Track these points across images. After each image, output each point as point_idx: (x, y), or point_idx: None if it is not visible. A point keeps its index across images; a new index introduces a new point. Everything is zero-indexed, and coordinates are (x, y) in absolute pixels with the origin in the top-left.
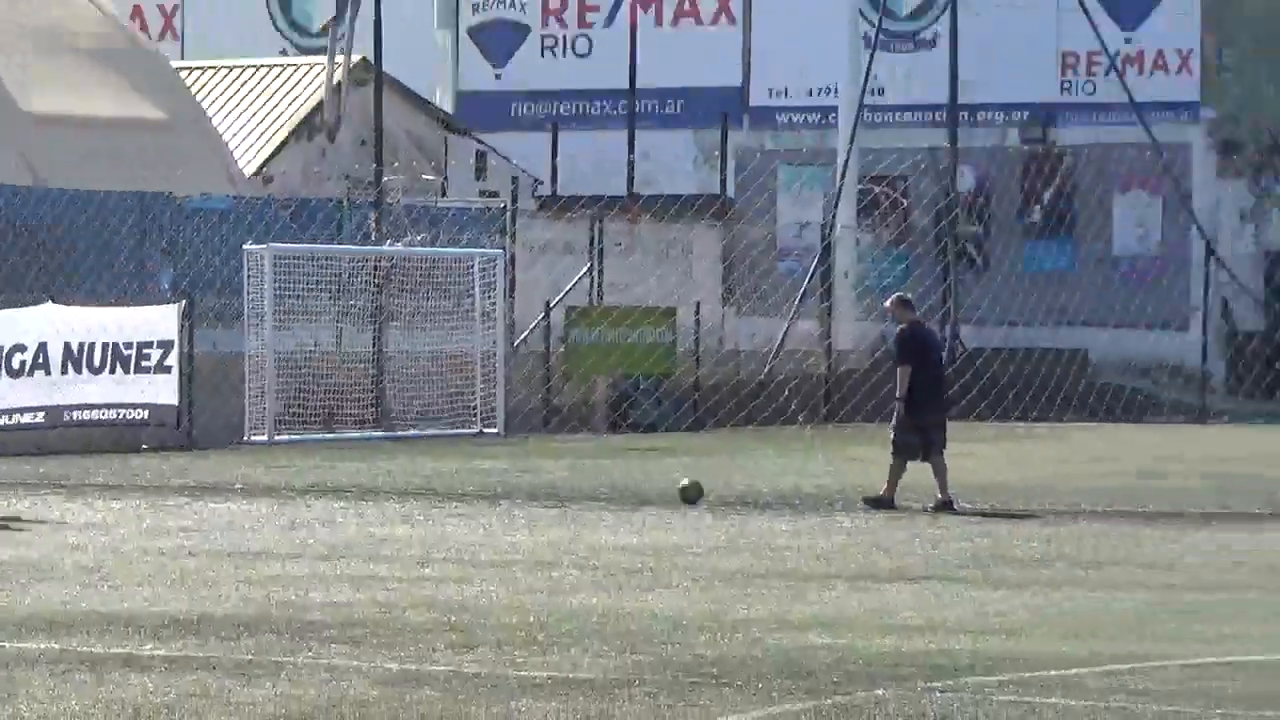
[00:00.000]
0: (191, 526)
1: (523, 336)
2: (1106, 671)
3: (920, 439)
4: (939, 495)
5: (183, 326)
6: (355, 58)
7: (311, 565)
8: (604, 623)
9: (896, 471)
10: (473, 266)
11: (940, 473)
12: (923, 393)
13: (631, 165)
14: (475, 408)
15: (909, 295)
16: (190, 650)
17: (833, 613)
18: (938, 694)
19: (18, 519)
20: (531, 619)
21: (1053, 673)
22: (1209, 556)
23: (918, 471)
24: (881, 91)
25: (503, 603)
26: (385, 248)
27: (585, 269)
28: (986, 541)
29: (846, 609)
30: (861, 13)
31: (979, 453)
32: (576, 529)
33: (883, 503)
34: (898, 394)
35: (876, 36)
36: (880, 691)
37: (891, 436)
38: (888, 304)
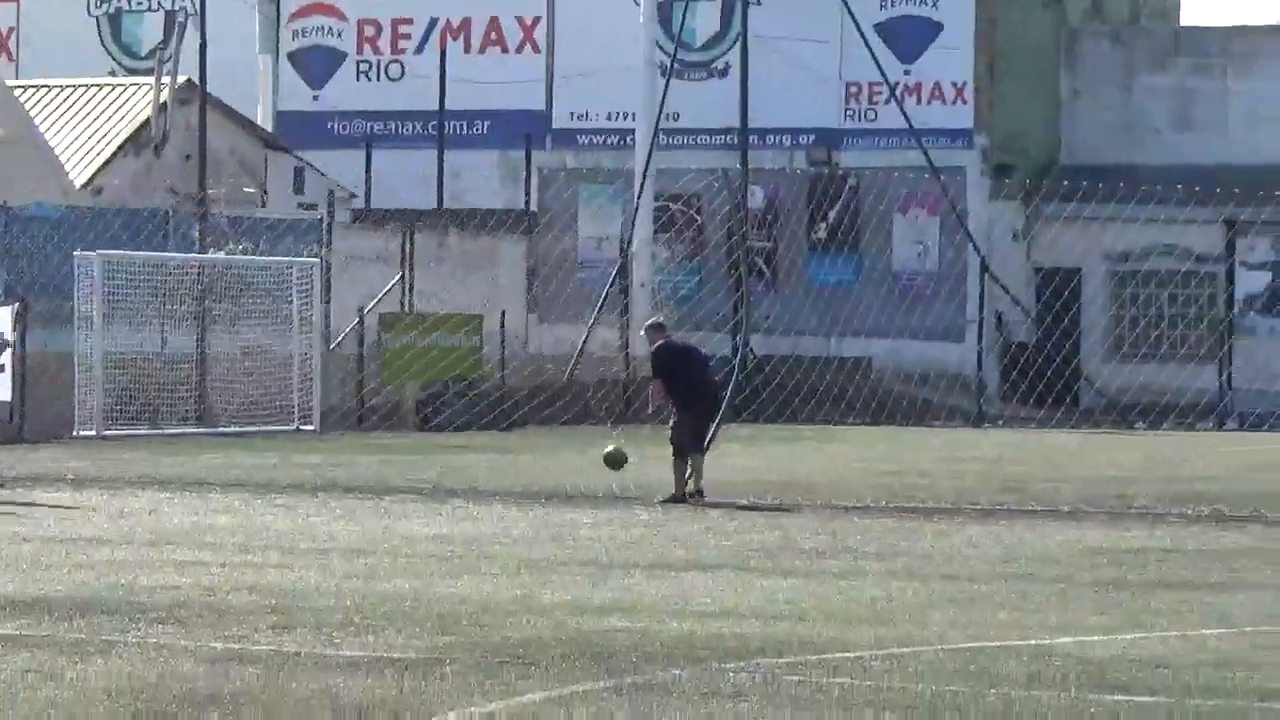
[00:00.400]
0: (24, 514)
1: (338, 340)
2: (889, 655)
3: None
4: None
5: (16, 327)
6: (181, 79)
7: (139, 551)
8: (416, 606)
9: (680, 468)
10: (291, 274)
11: (698, 467)
12: (687, 395)
13: (441, 181)
14: (292, 406)
15: (660, 320)
16: (25, 630)
17: (631, 599)
18: (731, 674)
19: None
20: (348, 602)
21: (839, 655)
22: (986, 549)
23: (716, 470)
24: (677, 116)
25: (320, 587)
26: (209, 256)
27: (397, 278)
28: (776, 534)
29: (644, 595)
30: (658, 43)
31: (767, 452)
32: (389, 520)
33: (677, 499)
34: (651, 406)
35: (672, 65)
36: (676, 671)
37: (670, 437)
38: (642, 331)
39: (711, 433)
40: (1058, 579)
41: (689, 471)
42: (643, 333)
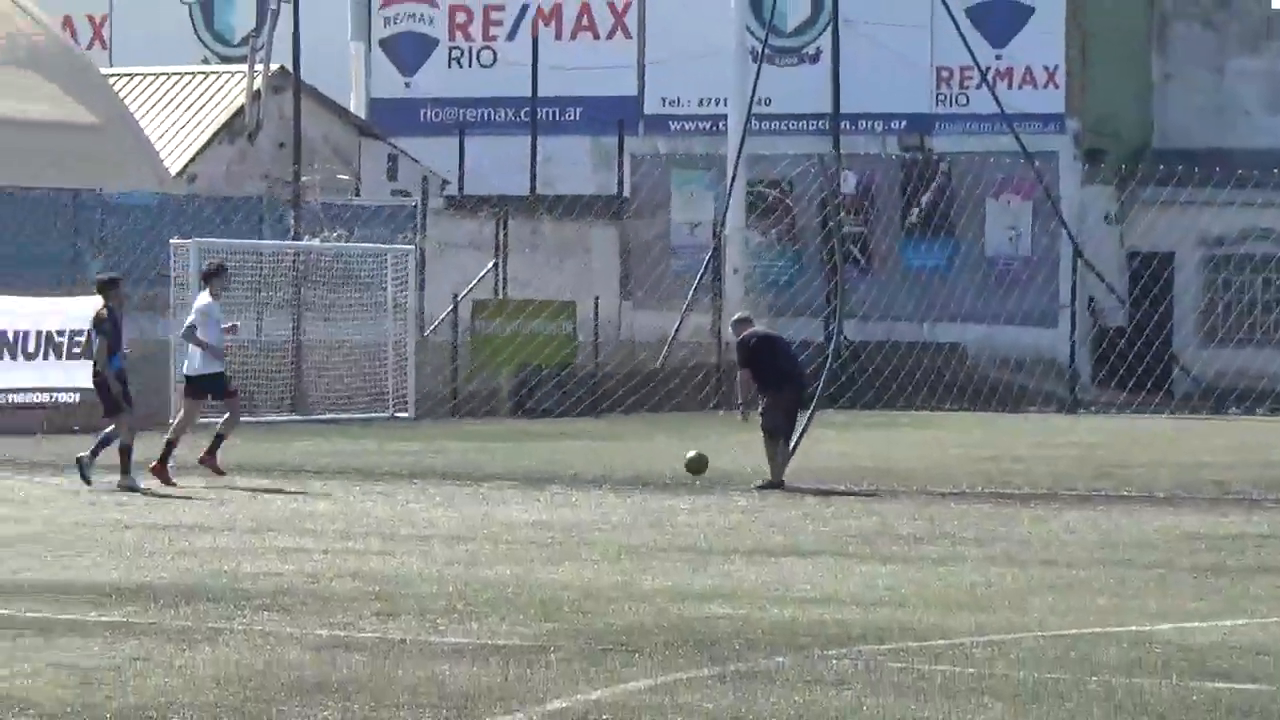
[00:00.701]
0: (126, 501)
1: (432, 327)
2: (990, 642)
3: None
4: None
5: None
6: (274, 67)
7: (241, 538)
8: (518, 593)
9: (773, 451)
10: (385, 261)
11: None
12: (776, 382)
13: (534, 167)
14: (387, 393)
15: (745, 314)
16: (132, 617)
17: (732, 585)
18: (833, 661)
19: None
20: (451, 589)
21: (940, 642)
22: (1083, 535)
23: (811, 456)
24: (768, 101)
25: (423, 574)
26: (303, 243)
27: (491, 264)
28: (874, 520)
29: (744, 581)
30: (749, 29)
31: (863, 438)
32: (488, 506)
33: (773, 485)
34: (740, 398)
35: (763, 51)
36: (779, 659)
37: (761, 423)
38: (730, 326)
39: (805, 422)
40: (1156, 564)
41: (782, 456)
42: (730, 327)
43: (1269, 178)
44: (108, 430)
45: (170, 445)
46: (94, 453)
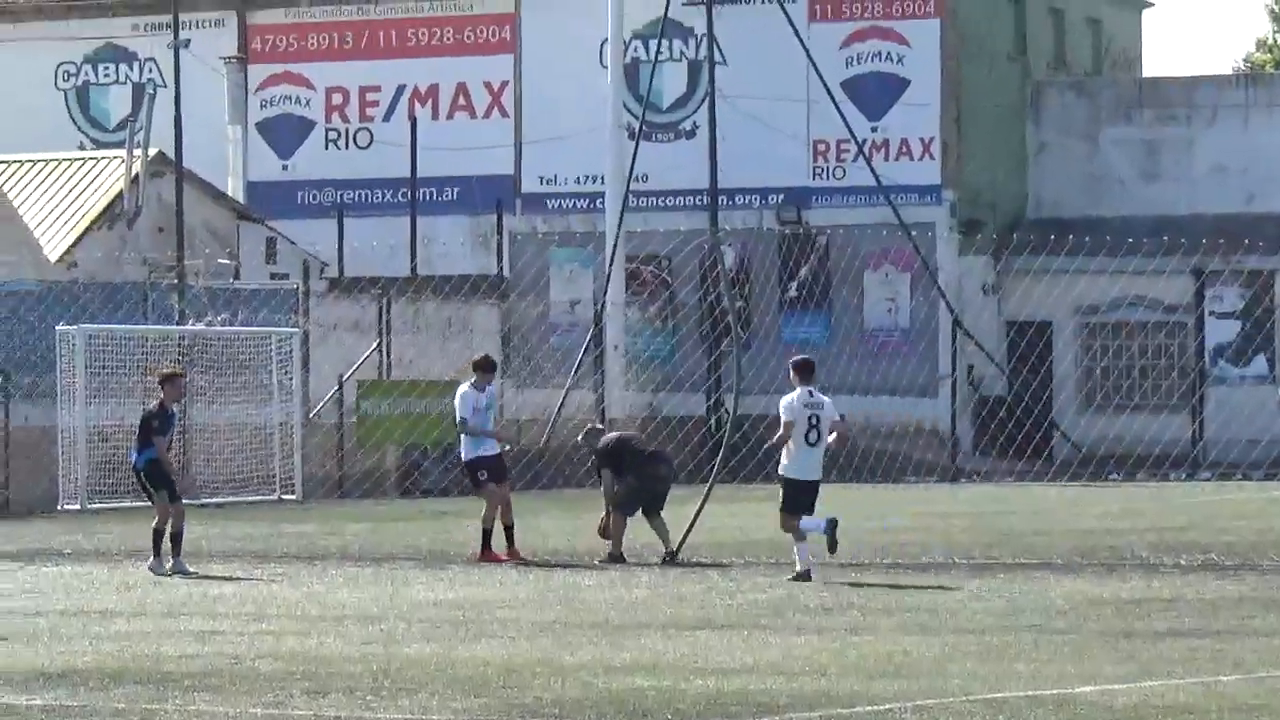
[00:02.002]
0: (30, 588)
1: (317, 408)
2: (917, 707)
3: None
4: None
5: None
6: (151, 151)
7: (156, 622)
8: (442, 669)
9: (618, 526)
10: (269, 344)
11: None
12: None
13: (414, 248)
14: (274, 476)
15: (593, 425)
16: (63, 701)
17: (652, 658)
18: None
19: None
20: (375, 667)
21: (868, 709)
22: (990, 602)
23: (705, 531)
24: (646, 178)
25: (344, 653)
26: (188, 327)
27: (374, 345)
28: (779, 592)
29: (664, 654)
30: (625, 105)
31: (754, 510)
32: (393, 586)
33: (615, 558)
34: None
35: (640, 127)
36: None
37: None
38: (580, 438)
39: (704, 496)
40: (1066, 630)
41: (625, 530)
42: (580, 438)
43: (1140, 244)
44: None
45: (486, 534)
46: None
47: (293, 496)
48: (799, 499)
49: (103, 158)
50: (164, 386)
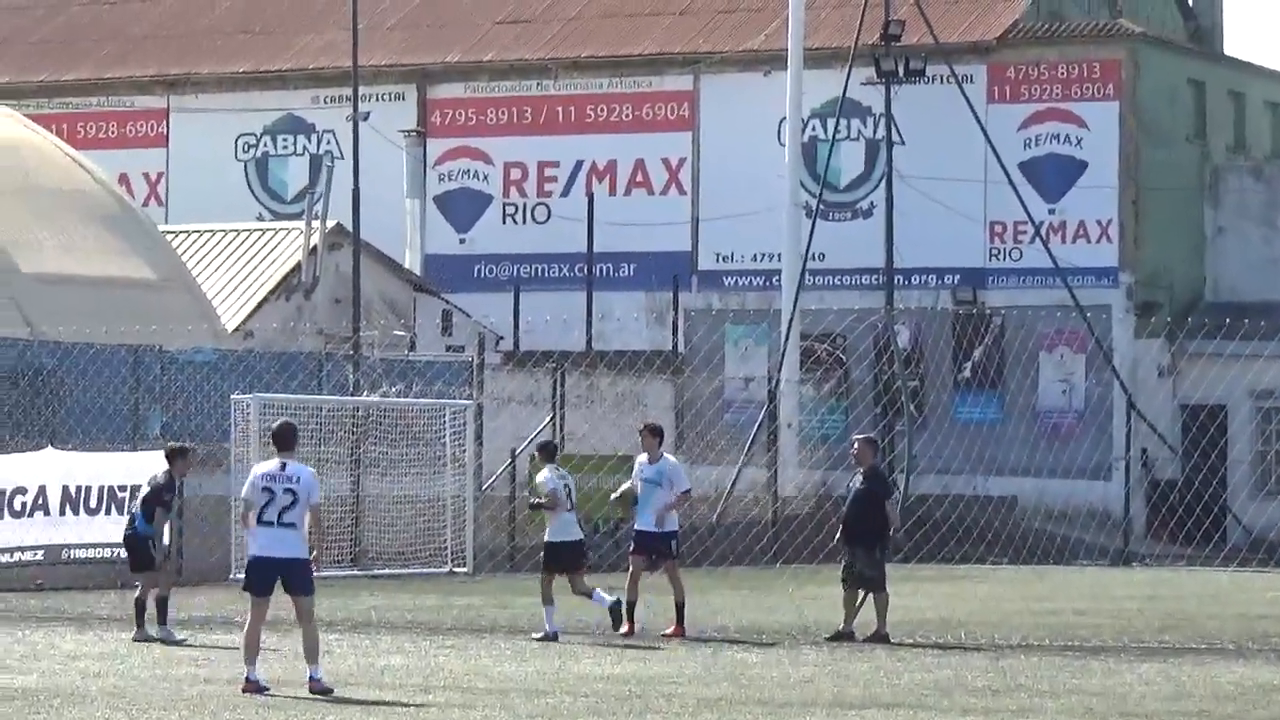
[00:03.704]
0: (200, 656)
1: (490, 482)
2: None
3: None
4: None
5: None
6: (330, 223)
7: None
8: None
9: (853, 600)
10: (443, 416)
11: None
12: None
13: (590, 323)
14: (446, 548)
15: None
16: None
17: None
18: None
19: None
20: None
21: None
22: (1159, 687)
23: (872, 610)
24: (822, 256)
25: None
26: (362, 398)
27: (548, 419)
28: (946, 673)
29: None
30: (803, 184)
31: (924, 590)
32: (560, 660)
33: (843, 635)
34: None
35: (817, 207)
36: None
37: (863, 571)
38: (854, 444)
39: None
40: (1233, 715)
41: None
42: (858, 446)
43: None
44: (155, 591)
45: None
46: (161, 619)
47: (464, 569)
48: (557, 559)
49: (281, 229)
50: (173, 461)
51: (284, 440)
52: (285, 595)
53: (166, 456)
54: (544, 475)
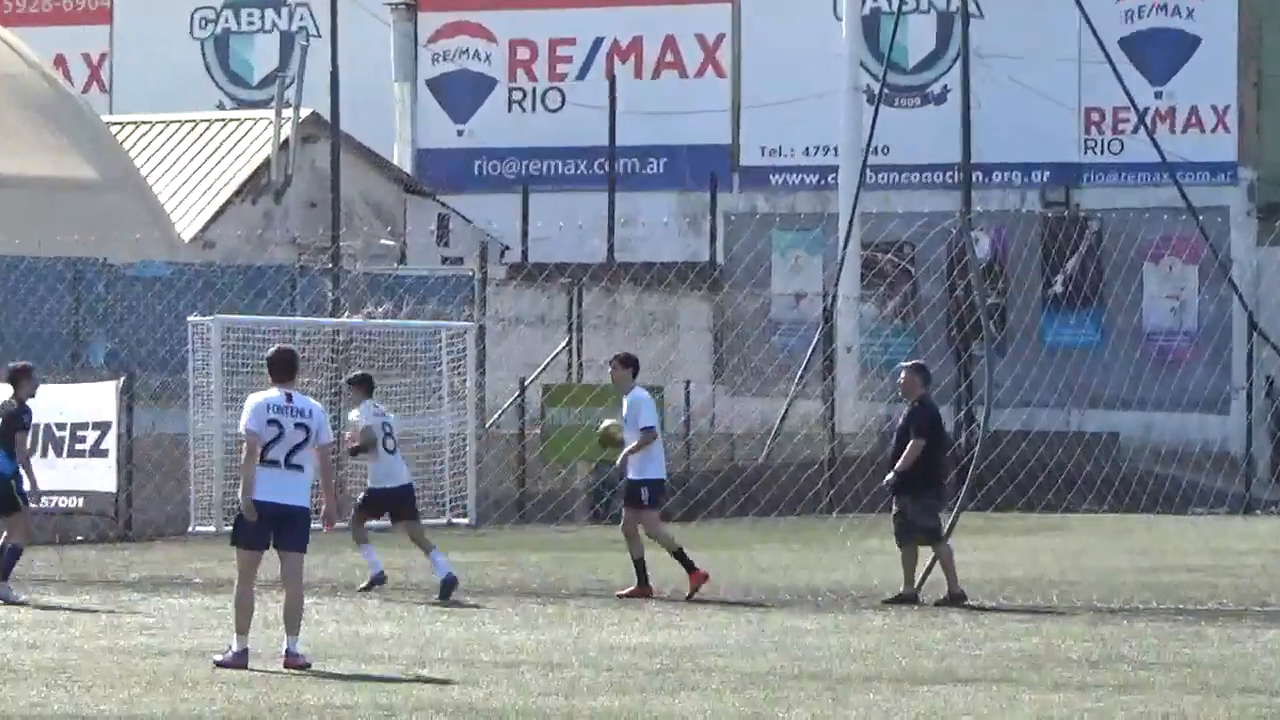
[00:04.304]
0: (153, 624)
1: (495, 417)
2: None
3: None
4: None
5: (121, 405)
6: (304, 112)
7: None
8: None
9: (912, 558)
10: (439, 340)
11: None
12: (942, 473)
13: (611, 230)
14: (444, 496)
15: (921, 361)
16: None
17: (880, 716)
18: None
19: None
20: None
21: None
22: None
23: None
24: (886, 150)
25: (518, 705)
26: (343, 320)
27: (563, 344)
28: (1035, 641)
29: (896, 712)
30: (863, 64)
31: (1008, 545)
32: (579, 627)
33: (906, 599)
34: (900, 467)
35: (880, 90)
36: None
37: (918, 522)
38: (901, 373)
39: (949, 526)
40: None
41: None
42: (903, 375)
43: None
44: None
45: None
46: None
47: (464, 520)
48: (378, 508)
49: (246, 119)
50: (19, 381)
51: (285, 368)
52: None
53: (10, 380)
54: (357, 413)
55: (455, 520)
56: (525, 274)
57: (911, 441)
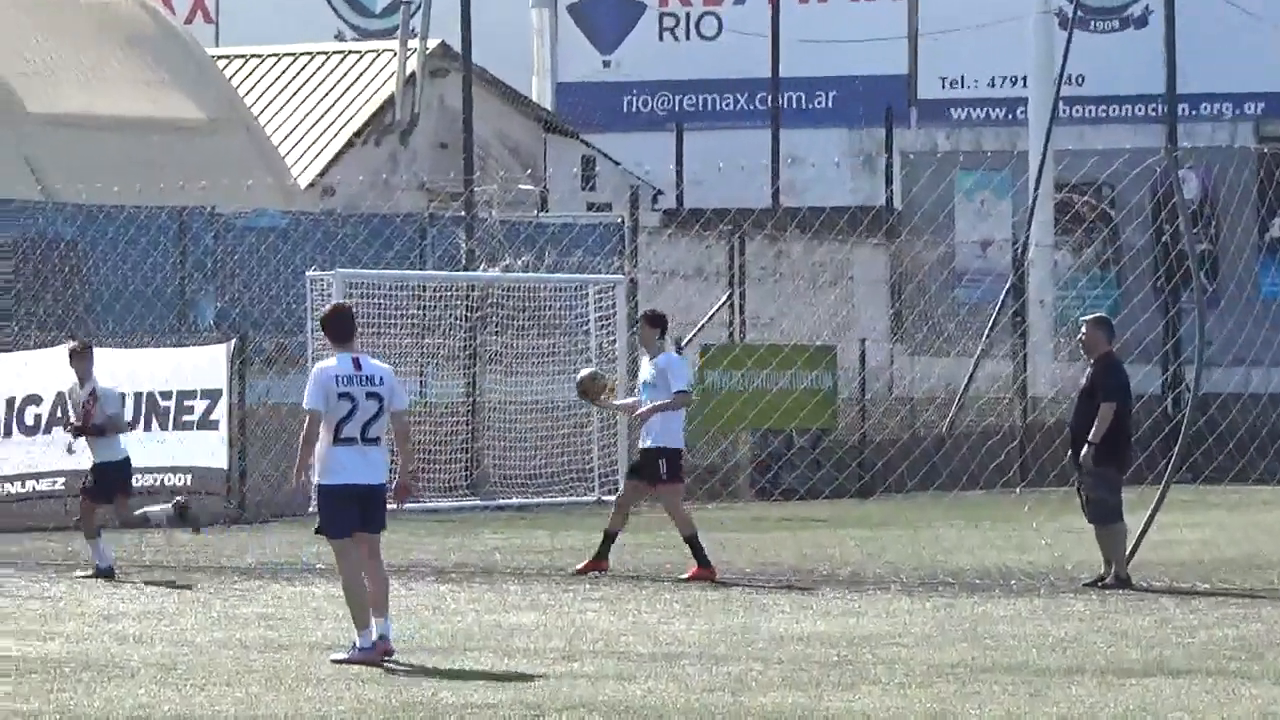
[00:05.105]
0: (273, 614)
1: None
2: None
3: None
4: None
5: (232, 372)
6: (432, 43)
7: (432, 659)
8: None
9: (1111, 537)
10: (586, 296)
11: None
12: (1126, 442)
13: (776, 172)
14: (591, 470)
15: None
16: None
17: (1083, 712)
18: None
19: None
20: None
21: None
22: None
23: (1154, 545)
24: (1081, 80)
25: (680, 702)
26: (479, 274)
27: (723, 298)
28: (1257, 628)
29: (1101, 707)
30: None
31: (1221, 521)
32: (745, 615)
33: (1116, 582)
34: (1094, 438)
35: (1074, 13)
36: None
37: (1098, 498)
38: (1082, 328)
39: (1157, 500)
40: None
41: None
42: (1084, 330)
43: None
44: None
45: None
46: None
47: (615, 497)
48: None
49: (367, 51)
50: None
51: (343, 328)
52: None
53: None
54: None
55: (605, 498)
56: (680, 221)
57: (1101, 405)
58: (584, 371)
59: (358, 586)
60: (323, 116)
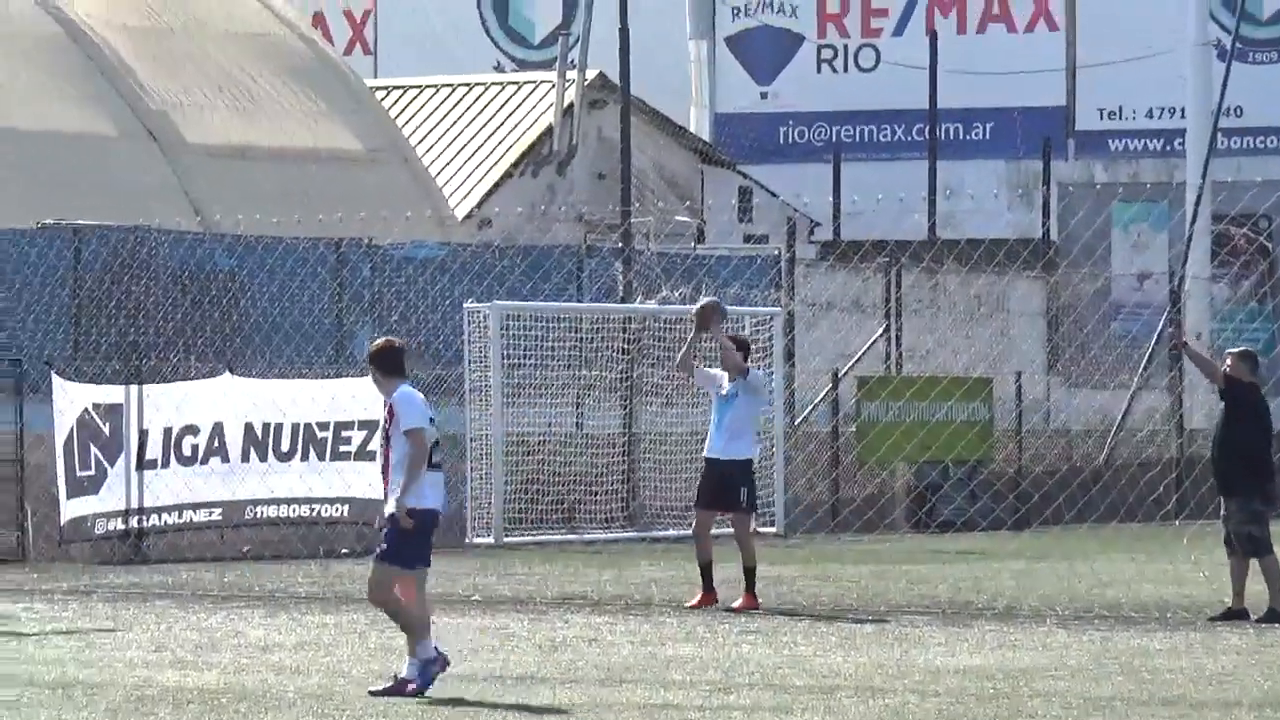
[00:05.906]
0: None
1: (805, 413)
2: None
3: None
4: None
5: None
6: (590, 73)
7: (590, 691)
8: None
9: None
10: (743, 327)
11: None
12: (1270, 473)
13: (933, 203)
14: None
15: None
16: None
17: None
18: None
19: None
20: None
21: None
22: None
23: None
24: (1240, 111)
25: None
26: (636, 305)
27: (881, 331)
28: None
29: None
30: (1213, 15)
31: None
32: (902, 648)
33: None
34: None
35: (1233, 44)
36: None
37: (1245, 533)
38: (1227, 361)
39: None
40: None
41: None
42: (1227, 364)
43: None
44: None
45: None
46: None
47: (771, 529)
48: None
49: (525, 82)
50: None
51: (397, 363)
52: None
53: None
54: None
55: (761, 530)
56: (838, 253)
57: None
58: (705, 300)
59: (422, 613)
60: (480, 148)
